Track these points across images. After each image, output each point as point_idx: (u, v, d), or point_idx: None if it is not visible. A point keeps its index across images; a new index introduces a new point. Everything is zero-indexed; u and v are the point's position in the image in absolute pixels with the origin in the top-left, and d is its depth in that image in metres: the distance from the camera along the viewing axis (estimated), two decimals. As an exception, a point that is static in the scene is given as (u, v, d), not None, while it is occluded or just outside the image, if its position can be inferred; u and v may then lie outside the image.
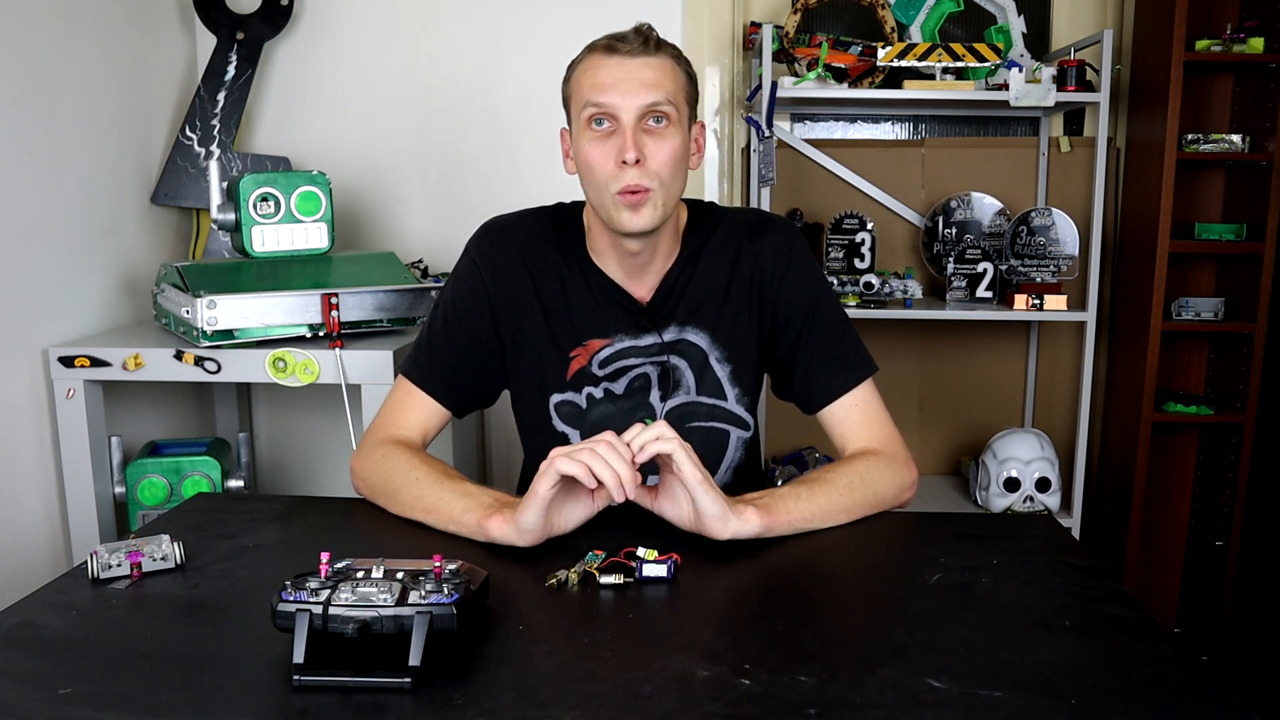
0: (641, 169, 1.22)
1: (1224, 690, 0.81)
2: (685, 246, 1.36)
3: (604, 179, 1.24)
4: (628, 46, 1.23)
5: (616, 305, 1.34)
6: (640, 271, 1.34)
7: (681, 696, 0.80)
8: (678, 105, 1.25)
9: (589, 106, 1.23)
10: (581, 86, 1.25)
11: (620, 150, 1.22)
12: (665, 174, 1.24)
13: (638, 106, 1.22)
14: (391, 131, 2.39)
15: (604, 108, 1.22)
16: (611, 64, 1.23)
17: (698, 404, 1.36)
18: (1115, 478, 2.60)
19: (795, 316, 1.35)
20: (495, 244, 1.36)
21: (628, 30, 1.26)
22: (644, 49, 1.23)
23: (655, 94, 1.22)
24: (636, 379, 1.35)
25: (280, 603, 0.85)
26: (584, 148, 1.25)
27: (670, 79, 1.24)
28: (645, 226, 1.24)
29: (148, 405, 2.07)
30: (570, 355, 1.34)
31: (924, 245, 2.58)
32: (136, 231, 2.09)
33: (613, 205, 1.24)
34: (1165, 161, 2.32)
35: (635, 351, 1.34)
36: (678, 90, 1.25)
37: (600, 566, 1.04)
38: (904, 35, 2.42)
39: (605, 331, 1.34)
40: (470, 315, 1.34)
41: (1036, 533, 1.22)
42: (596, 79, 1.23)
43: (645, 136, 1.23)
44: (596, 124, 1.24)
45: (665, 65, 1.24)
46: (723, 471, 1.40)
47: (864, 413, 1.33)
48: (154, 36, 2.17)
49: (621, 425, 1.34)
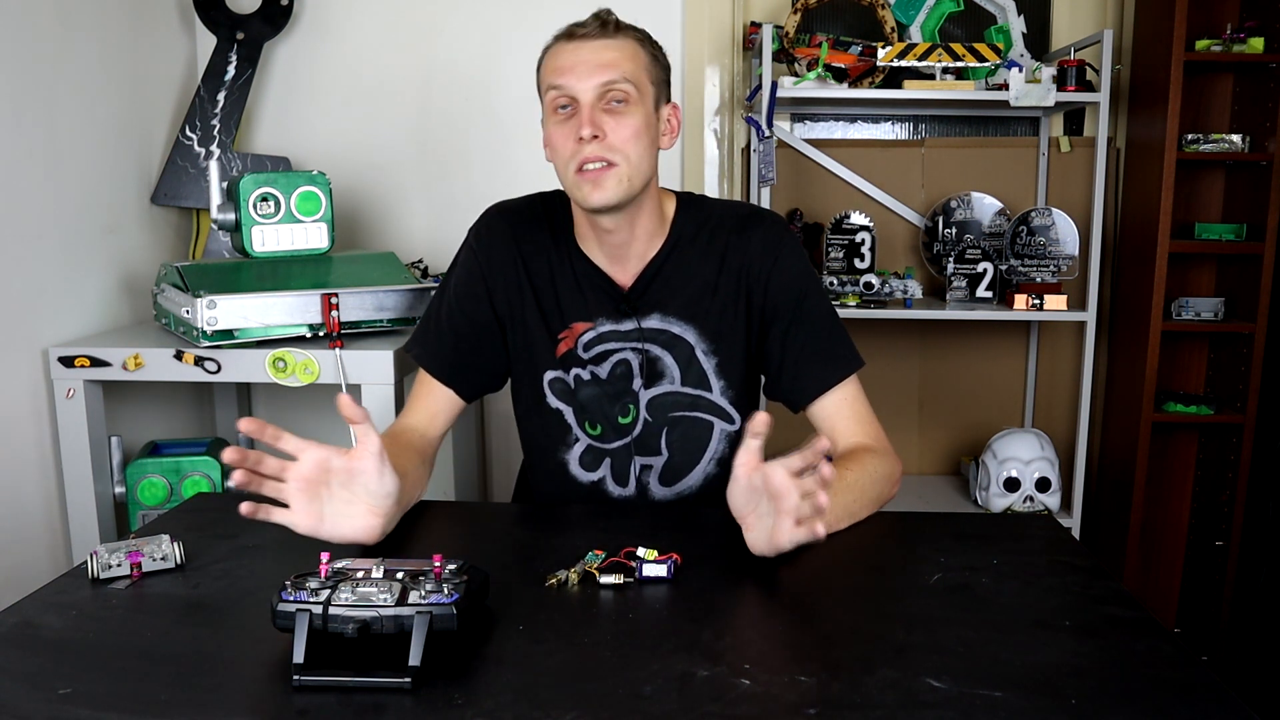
0: (601, 143, 1.24)
1: (1224, 690, 0.81)
2: (671, 234, 1.37)
3: (566, 158, 1.27)
4: (584, 30, 1.27)
5: (598, 289, 1.37)
6: (621, 256, 1.36)
7: (681, 696, 0.80)
8: (638, 84, 1.27)
9: (550, 90, 1.28)
10: (545, 72, 1.30)
11: (577, 128, 1.25)
12: (627, 149, 1.26)
13: (594, 86, 1.25)
14: (391, 131, 2.39)
15: (563, 89, 1.26)
16: (570, 48, 1.27)
17: (681, 394, 1.38)
18: (1115, 478, 2.60)
19: (783, 310, 1.36)
20: (491, 227, 1.40)
21: (588, 16, 1.29)
22: (601, 31, 1.27)
23: (610, 73, 1.25)
24: (618, 365, 1.37)
25: (280, 603, 0.85)
26: (549, 131, 1.30)
27: (629, 59, 1.27)
28: (609, 200, 1.26)
29: (148, 405, 2.07)
30: (559, 336, 1.37)
31: (924, 245, 2.58)
32: (136, 231, 2.09)
33: (574, 184, 1.28)
34: (1165, 161, 2.32)
35: (616, 336, 1.37)
36: (638, 70, 1.28)
37: (600, 566, 1.04)
38: (904, 35, 2.42)
39: (588, 315, 1.37)
40: (470, 298, 1.38)
41: (1036, 533, 1.22)
42: (556, 63, 1.28)
43: (604, 115, 1.26)
44: (560, 108, 1.28)
45: (625, 46, 1.27)
46: (705, 463, 1.41)
47: (853, 407, 1.35)
48: (154, 36, 2.17)
49: (606, 408, 1.38)
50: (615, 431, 1.39)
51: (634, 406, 1.38)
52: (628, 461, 1.40)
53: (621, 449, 1.40)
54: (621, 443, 1.39)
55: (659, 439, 1.39)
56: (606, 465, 1.40)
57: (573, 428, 1.40)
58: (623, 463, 1.40)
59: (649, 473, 1.41)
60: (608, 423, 1.39)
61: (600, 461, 1.40)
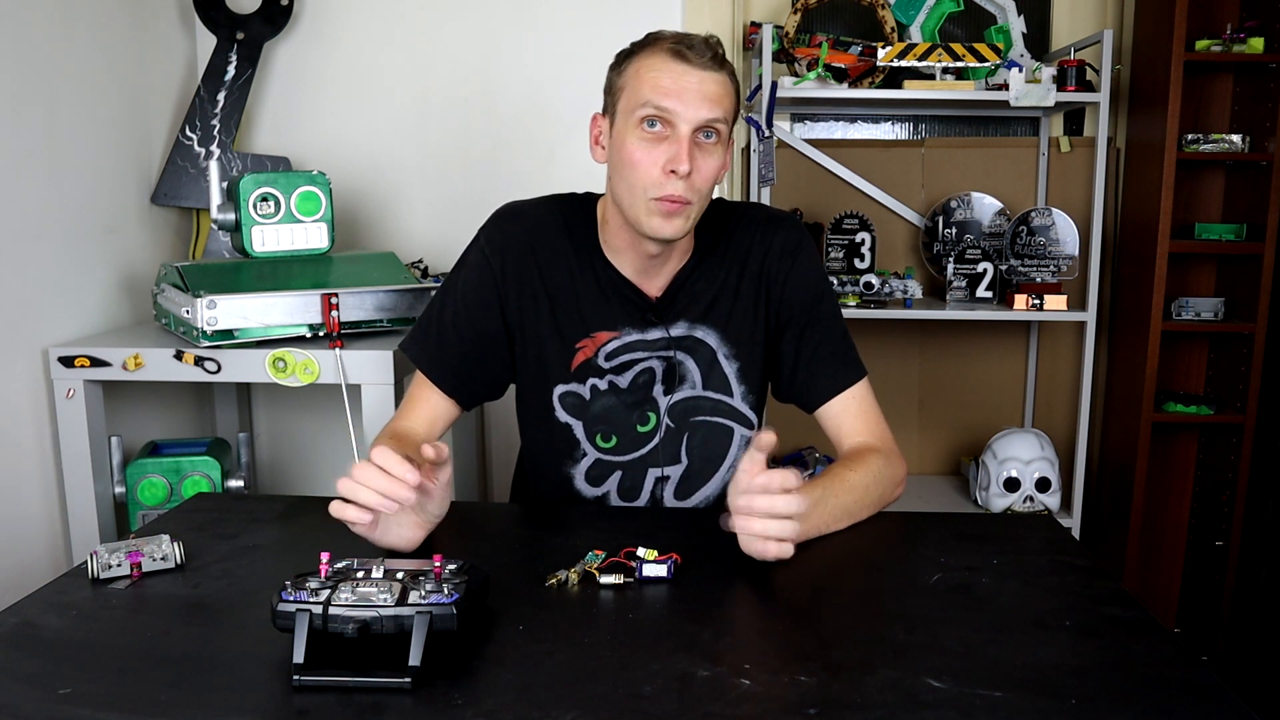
0: (687, 182, 1.21)
1: (1224, 690, 0.81)
2: (698, 244, 1.36)
3: (646, 182, 1.22)
4: (697, 57, 1.21)
5: (625, 299, 1.34)
6: (655, 271, 1.34)
7: (681, 696, 0.80)
8: (729, 124, 1.25)
9: (647, 106, 1.21)
10: (641, 83, 1.22)
11: (673, 159, 1.20)
12: (706, 189, 1.24)
13: (698, 119, 1.20)
14: (391, 131, 2.39)
15: (664, 112, 1.20)
16: (678, 70, 1.21)
17: (703, 399, 1.37)
18: (1115, 478, 2.60)
19: (798, 312, 1.36)
20: (505, 231, 1.35)
21: (695, 37, 1.24)
22: (712, 62, 1.22)
23: (716, 110, 1.21)
24: (641, 373, 1.35)
25: (280, 603, 0.85)
26: (630, 145, 1.22)
27: (729, 98, 1.24)
28: (676, 235, 1.24)
29: (148, 405, 2.07)
30: (577, 346, 1.34)
31: (924, 245, 2.58)
32: (136, 231, 2.09)
33: (645, 210, 1.23)
34: (1165, 161, 2.32)
35: (642, 345, 1.34)
36: (730, 109, 1.25)
37: (600, 566, 1.04)
38: (904, 35, 2.42)
39: (613, 324, 1.34)
40: (478, 306, 1.34)
41: (1036, 533, 1.22)
42: (660, 81, 1.20)
43: (696, 150, 1.22)
44: (649, 125, 1.21)
45: (727, 83, 1.24)
46: (725, 469, 1.40)
47: (862, 407, 1.35)
48: (154, 36, 2.17)
49: (624, 417, 1.36)
50: (632, 441, 1.36)
51: (654, 414, 1.36)
52: (641, 475, 1.38)
53: (635, 462, 1.37)
54: (637, 454, 1.37)
55: (679, 445, 1.37)
56: (614, 480, 1.38)
57: (581, 442, 1.37)
58: (635, 477, 1.38)
59: (665, 485, 1.38)
60: (625, 432, 1.36)
61: (608, 476, 1.38)
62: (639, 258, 1.32)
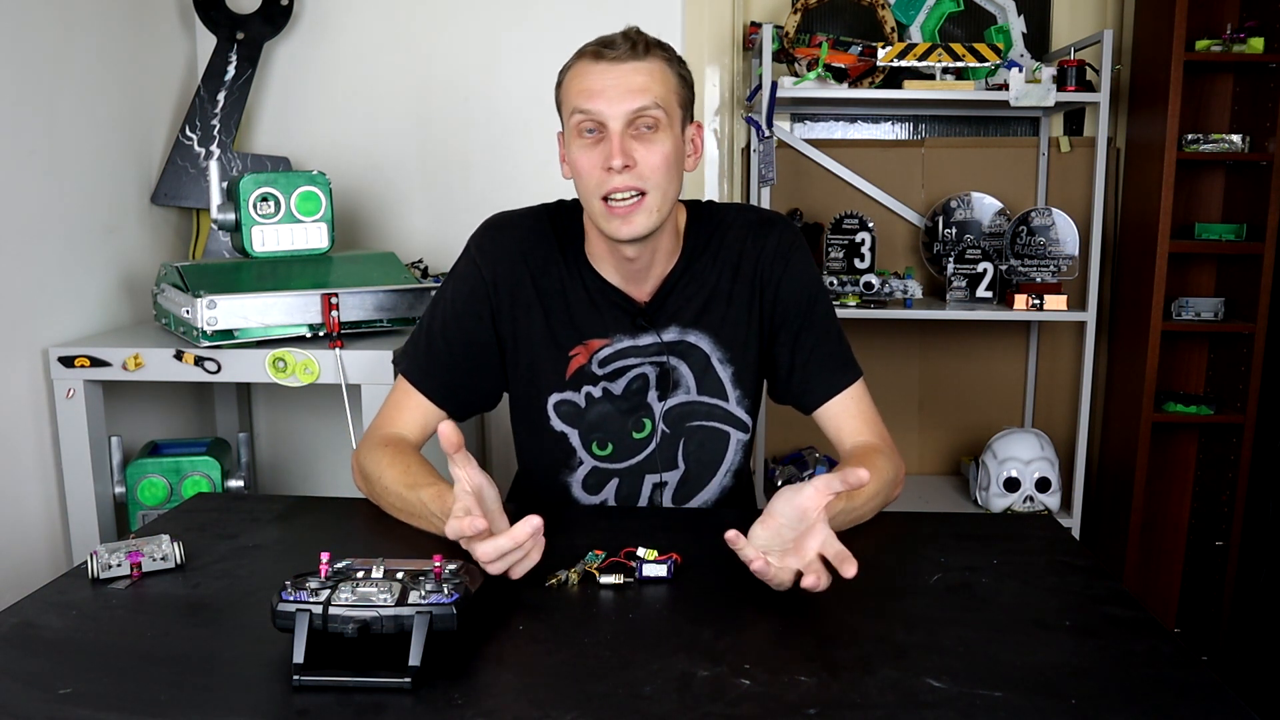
0: (632, 172, 1.21)
1: (1224, 690, 0.82)
2: (685, 247, 1.35)
3: (593, 185, 1.23)
4: (614, 52, 1.22)
5: (613, 305, 1.34)
6: (640, 275, 1.33)
7: (681, 696, 0.80)
8: (668, 109, 1.23)
9: (576, 114, 1.23)
10: (570, 93, 1.25)
11: (607, 157, 1.21)
12: (657, 178, 1.23)
13: (624, 113, 1.21)
14: (391, 131, 2.39)
15: (591, 114, 1.22)
16: (598, 70, 1.22)
17: (698, 404, 1.36)
18: (1115, 478, 2.60)
19: (793, 315, 1.35)
20: (495, 241, 1.35)
21: (616, 34, 1.24)
22: (631, 53, 1.22)
23: (642, 99, 1.21)
24: (635, 380, 1.35)
25: (280, 603, 0.85)
26: (574, 155, 1.25)
27: (659, 82, 1.23)
28: (638, 233, 1.24)
29: (148, 405, 2.07)
30: (570, 354, 1.34)
31: (924, 245, 2.58)
32: (136, 231, 2.09)
33: (601, 214, 1.24)
34: (1165, 161, 2.32)
35: (634, 351, 1.34)
36: (667, 93, 1.24)
37: (600, 566, 1.04)
38: (904, 35, 2.42)
39: (604, 331, 1.34)
40: (469, 316, 1.34)
41: (1036, 533, 1.22)
42: (584, 85, 1.23)
43: (634, 142, 1.22)
44: (587, 131, 1.23)
45: (654, 69, 1.23)
46: (722, 475, 1.40)
47: (860, 407, 1.35)
48: (154, 36, 2.17)
49: (619, 424, 1.35)
50: (628, 448, 1.36)
51: (649, 420, 1.36)
52: (638, 482, 1.38)
53: (632, 468, 1.37)
54: (633, 461, 1.37)
55: (676, 451, 1.37)
56: (612, 488, 1.38)
57: (577, 451, 1.36)
58: (632, 484, 1.38)
59: (662, 491, 1.38)
60: (620, 439, 1.36)
61: (605, 484, 1.38)
62: (620, 263, 1.32)
